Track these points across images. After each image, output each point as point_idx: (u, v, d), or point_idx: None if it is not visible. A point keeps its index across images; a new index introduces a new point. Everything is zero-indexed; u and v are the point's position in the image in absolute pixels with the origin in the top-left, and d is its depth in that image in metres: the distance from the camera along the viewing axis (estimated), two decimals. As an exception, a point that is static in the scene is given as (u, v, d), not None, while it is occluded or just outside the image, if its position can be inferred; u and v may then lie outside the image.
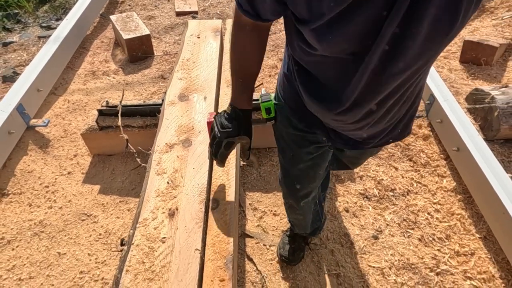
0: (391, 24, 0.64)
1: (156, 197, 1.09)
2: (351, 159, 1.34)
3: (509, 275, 1.53)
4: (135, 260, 0.95)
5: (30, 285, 1.54)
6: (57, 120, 2.29)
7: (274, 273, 1.57)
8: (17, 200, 1.86)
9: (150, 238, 0.99)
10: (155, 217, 1.04)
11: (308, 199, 1.28)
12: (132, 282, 0.91)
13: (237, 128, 0.98)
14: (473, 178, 1.78)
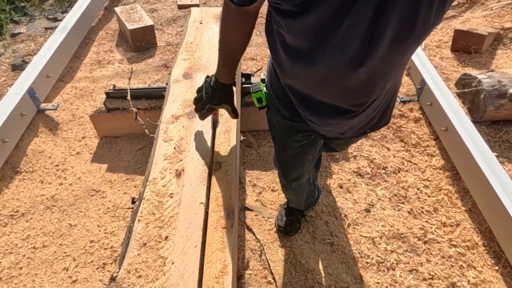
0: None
1: (164, 160, 1.20)
2: (338, 145, 1.42)
3: (491, 243, 1.64)
4: (146, 212, 1.06)
5: (44, 253, 1.64)
6: (66, 105, 2.40)
7: (272, 241, 1.67)
8: (29, 177, 1.96)
9: (159, 193, 1.10)
10: (163, 176, 1.15)
11: (301, 182, 1.38)
12: (143, 229, 1.01)
13: (217, 98, 1.12)
14: (460, 156, 1.88)
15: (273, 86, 1.11)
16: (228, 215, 1.04)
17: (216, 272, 0.91)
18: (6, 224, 1.74)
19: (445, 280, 1.53)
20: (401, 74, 0.97)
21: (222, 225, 1.01)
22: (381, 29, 0.68)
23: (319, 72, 0.84)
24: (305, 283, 1.53)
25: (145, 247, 0.97)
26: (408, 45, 0.74)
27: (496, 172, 1.72)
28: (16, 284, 1.53)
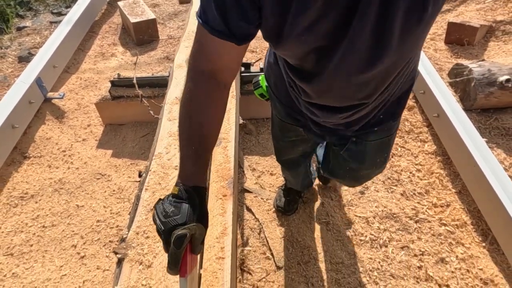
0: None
1: (169, 137, 1.28)
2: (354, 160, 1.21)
3: (479, 222, 1.71)
4: (152, 182, 1.14)
5: (53, 232, 1.73)
6: (71, 94, 2.48)
7: (271, 221, 1.75)
8: (38, 162, 2.05)
9: (165, 166, 1.18)
10: (168, 151, 1.23)
11: (295, 165, 1.48)
12: (150, 197, 1.09)
13: (187, 213, 0.70)
14: (452, 142, 1.96)
15: (271, 84, 1.11)
16: (228, 185, 1.12)
17: (217, 233, 0.99)
18: (16, 205, 1.83)
19: (434, 256, 1.61)
20: (411, 66, 0.90)
21: (223, 194, 1.09)
22: (388, 29, 0.65)
23: (325, 85, 0.83)
24: (301, 258, 1.61)
25: (152, 212, 1.05)
26: (417, 35, 0.70)
27: (485, 157, 1.79)
28: (27, 260, 1.62)
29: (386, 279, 1.54)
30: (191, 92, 0.77)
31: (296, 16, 0.66)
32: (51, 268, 1.58)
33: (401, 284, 1.52)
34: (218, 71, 0.76)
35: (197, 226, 0.70)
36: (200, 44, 0.75)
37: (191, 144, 0.76)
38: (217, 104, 0.79)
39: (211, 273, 0.90)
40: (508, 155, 1.98)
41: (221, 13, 0.68)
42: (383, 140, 1.10)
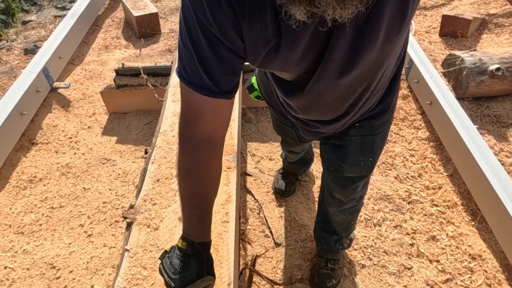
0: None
1: (173, 117, 1.36)
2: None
3: (469, 203, 1.79)
4: (158, 156, 1.21)
5: (61, 212, 1.80)
6: (76, 85, 2.56)
7: (269, 202, 1.83)
8: (45, 148, 2.12)
9: (169, 142, 1.26)
10: (173, 129, 1.31)
11: (298, 150, 1.56)
12: (156, 169, 1.17)
13: (198, 268, 0.75)
14: (444, 128, 2.03)
15: (260, 86, 1.15)
16: (232, 158, 1.19)
17: (222, 200, 1.06)
18: (25, 187, 1.90)
19: (426, 234, 1.68)
20: (388, 72, 0.88)
21: (227, 166, 1.17)
22: (363, 42, 0.65)
23: (308, 98, 0.83)
24: (299, 236, 1.68)
25: (158, 182, 1.13)
26: (395, 42, 0.71)
27: (476, 142, 1.86)
28: (37, 238, 1.69)
29: (380, 255, 1.62)
30: (188, 164, 0.76)
31: (284, 55, 0.66)
32: (60, 245, 1.66)
33: (394, 260, 1.60)
34: (215, 131, 0.75)
35: (208, 278, 0.76)
36: (189, 107, 0.71)
37: (196, 208, 0.78)
38: (217, 165, 0.79)
39: (217, 235, 0.98)
40: (498, 141, 2.06)
41: (205, 69, 0.65)
42: (365, 139, 1.04)
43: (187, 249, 0.77)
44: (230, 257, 0.94)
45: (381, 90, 0.92)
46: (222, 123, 0.76)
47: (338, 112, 0.89)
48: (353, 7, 0.50)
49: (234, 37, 0.63)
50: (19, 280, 1.53)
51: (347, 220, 1.36)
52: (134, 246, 0.97)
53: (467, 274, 1.54)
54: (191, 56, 0.65)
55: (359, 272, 1.56)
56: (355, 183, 1.15)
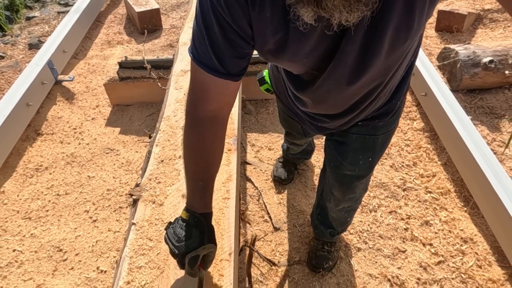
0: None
1: (176, 103, 1.42)
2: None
3: (462, 189, 1.85)
4: (162, 139, 1.27)
5: (66, 199, 1.86)
6: (80, 78, 2.61)
7: (269, 189, 1.89)
8: (50, 138, 2.18)
9: (172, 126, 1.32)
10: (176, 114, 1.37)
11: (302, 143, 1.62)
12: (161, 151, 1.23)
13: (200, 237, 0.81)
14: (439, 119, 2.09)
15: (272, 80, 1.19)
16: (233, 141, 1.25)
17: (223, 179, 1.12)
18: (32, 175, 1.96)
19: (420, 219, 1.74)
20: (400, 74, 0.90)
21: (228, 148, 1.23)
22: (374, 48, 0.68)
23: (318, 95, 0.87)
24: (297, 221, 1.74)
25: (162, 163, 1.19)
26: (403, 50, 0.73)
27: (469, 132, 1.92)
28: (44, 223, 1.75)
29: (375, 239, 1.67)
30: (193, 139, 0.81)
31: (293, 47, 0.69)
32: (66, 230, 1.71)
33: (388, 243, 1.66)
34: (219, 110, 0.79)
35: (208, 246, 0.82)
36: (197, 85, 0.75)
37: (199, 180, 0.83)
38: (220, 142, 0.84)
39: (218, 210, 1.04)
40: (491, 131, 2.11)
41: (215, 52, 0.69)
42: (366, 139, 1.06)
43: (190, 220, 0.83)
44: (231, 229, 1.00)
45: (388, 93, 0.94)
46: (226, 103, 0.80)
47: (344, 107, 0.92)
48: (359, 11, 0.52)
49: (244, 24, 0.66)
50: (28, 262, 1.59)
51: (343, 217, 1.41)
52: (140, 220, 1.03)
53: (458, 256, 1.59)
54: (203, 37, 0.68)
55: (355, 255, 1.62)
56: (353, 182, 1.17)
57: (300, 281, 1.53)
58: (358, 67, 0.72)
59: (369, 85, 0.82)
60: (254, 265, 1.56)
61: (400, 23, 0.63)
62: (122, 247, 1.00)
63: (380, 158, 1.16)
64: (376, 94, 0.87)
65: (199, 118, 0.79)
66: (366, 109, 0.94)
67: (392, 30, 0.64)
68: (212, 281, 0.90)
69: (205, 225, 0.83)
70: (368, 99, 0.88)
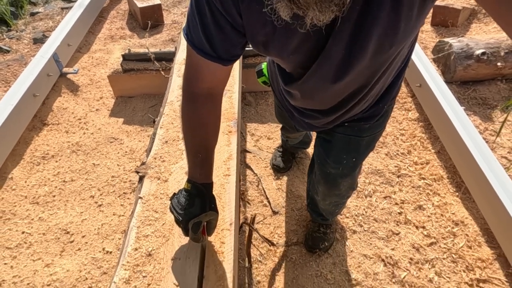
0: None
1: (179, 89, 1.48)
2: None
3: (454, 176, 1.91)
4: (166, 122, 1.34)
5: (72, 185, 1.92)
6: (84, 71, 2.68)
7: (267, 175, 1.95)
8: (56, 128, 2.25)
9: (176, 111, 1.38)
10: (178, 100, 1.43)
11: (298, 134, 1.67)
12: (165, 132, 1.30)
13: (202, 205, 0.87)
14: (433, 109, 2.16)
15: (271, 81, 1.23)
16: (233, 124, 1.32)
17: (224, 158, 1.19)
18: (39, 163, 2.03)
19: (413, 204, 1.81)
20: (386, 79, 0.91)
21: (228, 130, 1.29)
22: (359, 47, 0.69)
23: (304, 90, 0.89)
24: (295, 205, 1.81)
25: (166, 144, 1.25)
26: (388, 55, 0.75)
27: (462, 122, 1.98)
28: (51, 207, 1.81)
29: (370, 223, 1.74)
30: (190, 113, 0.86)
31: (280, 41, 0.71)
32: (73, 214, 1.78)
33: (383, 226, 1.72)
34: (212, 88, 0.84)
35: (210, 213, 0.88)
36: (192, 65, 0.80)
37: (198, 153, 0.88)
38: (215, 115, 0.89)
39: (220, 185, 1.11)
40: (484, 121, 2.18)
41: (207, 36, 0.72)
42: (351, 139, 1.09)
43: (192, 190, 0.88)
44: (231, 203, 1.06)
45: (375, 96, 0.95)
46: (219, 82, 0.85)
47: (330, 104, 0.94)
48: (330, 11, 0.53)
49: (234, 13, 0.69)
50: (36, 243, 1.66)
51: (331, 209, 1.47)
52: (146, 195, 1.09)
53: (450, 238, 1.66)
54: (196, 22, 0.72)
55: (350, 237, 1.69)
56: (337, 180, 1.20)
57: (297, 261, 1.60)
58: (343, 67, 0.74)
59: (353, 85, 0.84)
60: (254, 246, 1.63)
61: (386, 28, 0.65)
62: (129, 219, 1.06)
63: (364, 159, 1.19)
64: (362, 95, 0.88)
65: (194, 94, 0.84)
66: (352, 109, 0.95)
67: (377, 35, 0.66)
68: (214, 248, 0.97)
69: (206, 194, 0.89)
70: (354, 99, 0.90)
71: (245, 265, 1.56)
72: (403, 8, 0.62)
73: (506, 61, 2.24)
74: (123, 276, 0.91)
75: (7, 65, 2.64)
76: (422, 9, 0.64)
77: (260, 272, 1.56)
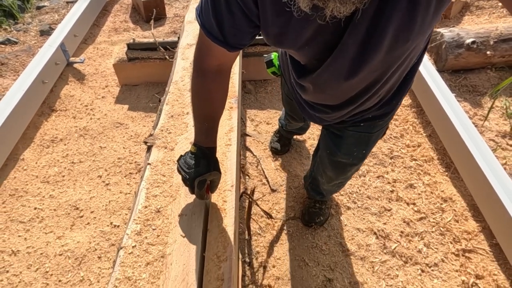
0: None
1: (183, 71, 1.58)
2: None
3: (444, 157, 2.01)
4: (171, 99, 1.43)
5: (81, 166, 2.02)
6: (89, 61, 2.78)
7: (266, 157, 2.05)
8: (64, 114, 2.34)
9: (180, 89, 1.48)
10: (183, 80, 1.53)
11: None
12: (170, 108, 1.39)
13: (206, 165, 0.95)
14: (425, 95, 2.25)
15: (283, 72, 1.24)
16: (234, 101, 1.41)
17: (226, 130, 1.28)
18: (48, 146, 2.12)
19: (405, 182, 1.91)
20: (400, 76, 0.91)
21: (229, 106, 1.39)
22: (374, 43, 0.69)
23: (317, 84, 0.89)
24: (292, 184, 1.91)
25: (172, 118, 1.35)
26: (404, 50, 0.74)
27: (453, 107, 2.08)
28: (61, 186, 1.91)
29: (363, 200, 1.84)
30: (199, 86, 0.91)
31: (295, 32, 0.71)
32: (82, 192, 1.88)
33: (375, 203, 1.82)
34: (221, 65, 0.88)
35: (214, 173, 0.97)
36: (202, 43, 0.83)
37: (204, 122, 0.95)
38: (223, 90, 0.93)
39: (222, 154, 1.20)
40: (473, 107, 2.28)
41: (217, 20, 0.73)
42: (362, 135, 1.13)
43: (197, 152, 0.97)
44: (233, 168, 1.16)
45: (387, 92, 0.95)
46: (228, 60, 0.89)
47: (342, 99, 0.94)
48: (351, 3, 0.53)
49: (250, 2, 0.69)
50: (48, 218, 1.75)
51: (334, 189, 1.58)
52: (154, 161, 1.19)
53: (438, 213, 1.76)
54: (208, 4, 0.74)
55: (344, 213, 1.79)
56: (346, 168, 1.29)
57: (294, 234, 1.70)
58: (358, 61, 0.73)
59: (367, 80, 0.83)
60: (253, 220, 1.73)
61: (402, 21, 0.64)
62: (139, 182, 1.16)
63: (372, 149, 1.25)
64: (375, 90, 0.88)
65: (204, 70, 0.88)
66: (364, 104, 0.95)
67: (393, 28, 0.65)
68: (217, 205, 1.06)
69: (210, 156, 0.98)
70: (366, 93, 0.89)
71: (245, 237, 1.65)
72: (421, 1, 0.62)
73: (495, 50, 2.34)
74: (135, 228, 1.01)
75: (15, 56, 2.73)
76: (439, 5, 0.64)
77: (259, 244, 1.65)
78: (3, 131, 1.93)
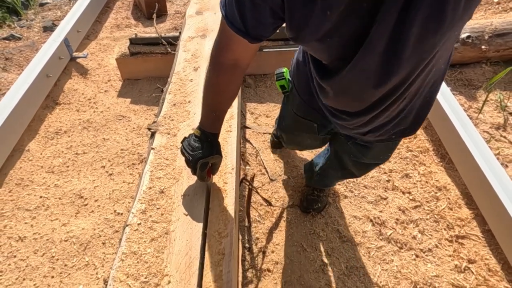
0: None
1: (184, 62, 1.63)
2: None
3: (439, 148, 2.06)
4: (174, 88, 1.48)
5: (84, 157, 2.07)
6: (92, 56, 2.83)
7: (265, 148, 2.10)
8: (67, 107, 2.39)
9: (182, 79, 1.53)
10: (185, 70, 1.58)
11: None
12: (173, 97, 1.44)
13: (209, 148, 1.00)
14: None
15: (295, 82, 1.19)
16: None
17: (227, 118, 1.32)
18: (52, 138, 2.17)
19: (400, 172, 1.96)
20: (426, 83, 0.87)
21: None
22: (404, 37, 0.65)
23: (341, 85, 0.86)
24: (291, 174, 1.96)
25: (175, 106, 1.40)
26: (433, 44, 0.68)
27: (448, 100, 2.13)
28: (66, 176, 1.96)
29: (360, 189, 1.89)
30: (213, 79, 0.92)
31: (319, 19, 0.69)
32: (86, 181, 1.93)
33: (372, 192, 1.87)
34: (238, 60, 0.87)
35: (216, 156, 1.02)
36: (223, 34, 0.83)
37: (213, 111, 0.99)
38: (235, 85, 0.95)
39: (222, 139, 1.25)
40: (468, 100, 2.33)
41: (240, 11, 0.74)
42: (388, 144, 1.15)
43: (201, 135, 1.02)
44: (233, 153, 1.21)
45: (412, 97, 0.89)
46: (247, 55, 0.88)
47: (366, 103, 0.89)
48: None
49: None
50: (53, 206, 1.80)
51: (341, 180, 1.65)
52: (158, 146, 1.24)
53: (433, 201, 1.81)
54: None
55: (342, 201, 1.84)
56: (371, 167, 1.33)
57: (293, 221, 1.75)
58: (388, 60, 0.69)
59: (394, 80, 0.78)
60: (253, 208, 1.78)
61: (431, 12, 0.60)
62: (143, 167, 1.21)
63: None
64: (400, 93, 0.82)
65: (220, 63, 0.89)
66: (386, 110, 0.89)
67: (422, 19, 0.61)
68: (218, 186, 1.12)
69: (213, 140, 1.03)
70: (391, 96, 0.83)
71: (245, 224, 1.70)
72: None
73: (490, 45, 2.39)
74: (140, 208, 1.06)
75: (19, 51, 2.78)
76: (469, 1, 0.61)
77: (258, 230, 1.70)
78: (9, 123, 1.98)
